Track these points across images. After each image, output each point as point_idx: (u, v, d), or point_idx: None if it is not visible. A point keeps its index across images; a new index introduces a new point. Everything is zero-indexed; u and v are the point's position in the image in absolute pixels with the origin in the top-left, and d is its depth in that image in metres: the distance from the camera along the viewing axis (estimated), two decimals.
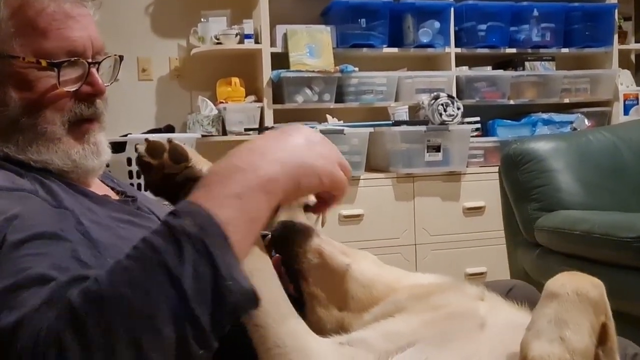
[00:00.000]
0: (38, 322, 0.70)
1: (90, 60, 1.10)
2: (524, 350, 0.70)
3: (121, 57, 1.22)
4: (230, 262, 0.74)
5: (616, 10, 4.09)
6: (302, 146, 0.87)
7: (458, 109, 3.46)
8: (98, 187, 1.19)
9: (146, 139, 0.83)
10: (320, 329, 0.93)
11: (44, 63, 1.04)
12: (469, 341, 0.80)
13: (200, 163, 0.87)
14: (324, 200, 0.99)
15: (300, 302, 0.95)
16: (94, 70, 1.10)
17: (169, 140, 0.83)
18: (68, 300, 0.70)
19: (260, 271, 0.84)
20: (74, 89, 1.08)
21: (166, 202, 0.99)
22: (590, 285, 0.74)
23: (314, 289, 0.96)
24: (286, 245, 0.97)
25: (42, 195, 0.97)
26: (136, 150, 0.89)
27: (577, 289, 0.73)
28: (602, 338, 0.73)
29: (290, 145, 0.86)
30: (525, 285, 1.32)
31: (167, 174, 0.84)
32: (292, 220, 0.99)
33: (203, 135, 3.48)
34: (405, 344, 0.81)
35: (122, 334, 0.68)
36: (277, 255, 0.97)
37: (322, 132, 3.34)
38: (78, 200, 1.03)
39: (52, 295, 0.73)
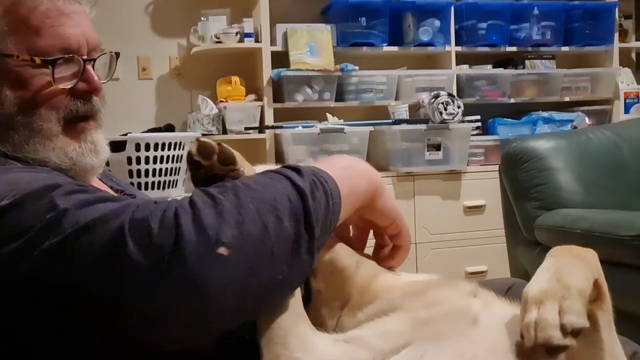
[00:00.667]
0: (171, 204, 0.78)
1: (85, 57, 1.09)
2: (524, 295, 0.75)
3: (117, 54, 1.22)
4: (337, 198, 0.87)
5: (617, 9, 4.08)
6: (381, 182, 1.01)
7: (458, 107, 3.46)
8: (98, 185, 1.19)
9: (197, 139, 0.88)
10: (319, 325, 0.93)
11: (38, 60, 1.03)
12: (462, 338, 0.81)
13: (245, 167, 0.91)
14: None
15: (305, 299, 0.96)
16: (89, 67, 1.10)
17: (219, 143, 0.88)
18: (202, 189, 0.81)
19: None
20: (69, 86, 1.07)
21: None
22: (584, 250, 0.83)
23: (322, 286, 0.97)
24: None
25: (53, 173, 0.98)
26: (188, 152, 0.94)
27: (572, 251, 0.82)
28: (597, 296, 0.78)
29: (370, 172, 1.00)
30: (524, 283, 1.31)
31: (214, 174, 0.88)
32: None
33: (203, 134, 3.48)
34: (400, 344, 0.82)
35: (250, 210, 0.77)
36: None
37: (323, 131, 3.37)
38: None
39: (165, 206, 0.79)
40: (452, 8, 3.80)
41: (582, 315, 0.72)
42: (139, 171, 2.96)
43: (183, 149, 3.14)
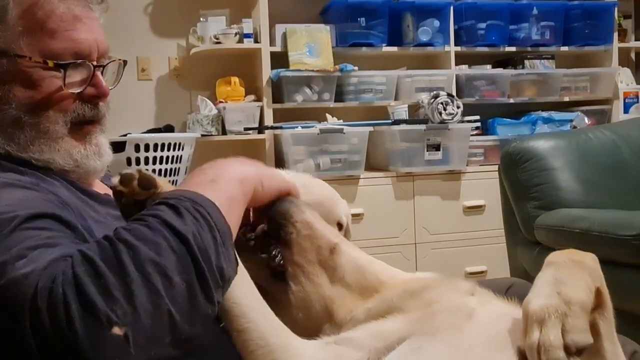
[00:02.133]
0: (53, 269, 0.73)
1: (95, 63, 1.10)
2: (525, 308, 0.73)
3: (125, 62, 1.23)
4: (223, 227, 0.82)
5: (616, 8, 4.08)
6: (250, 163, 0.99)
7: (458, 107, 3.46)
8: (99, 187, 1.20)
9: (119, 173, 0.87)
10: (307, 309, 0.94)
11: (50, 64, 1.05)
12: (458, 331, 0.81)
13: (168, 189, 0.89)
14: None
15: (284, 277, 0.98)
16: (98, 72, 1.11)
17: (139, 170, 0.87)
18: (81, 251, 0.74)
19: (237, 277, 0.85)
20: (78, 91, 1.08)
21: None
22: (584, 256, 0.80)
23: (298, 259, 0.97)
24: (278, 214, 1.00)
25: (43, 187, 0.97)
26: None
27: (573, 258, 0.79)
28: (598, 304, 0.76)
29: (246, 162, 0.98)
30: (524, 283, 1.32)
31: (138, 200, 0.87)
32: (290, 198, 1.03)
33: (203, 135, 3.48)
34: (394, 340, 0.82)
35: (137, 277, 0.72)
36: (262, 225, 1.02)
37: (322, 131, 3.37)
38: (79, 198, 1.05)
39: (64, 252, 0.77)
40: (452, 8, 3.80)
41: (586, 331, 0.71)
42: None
43: (182, 150, 3.14)
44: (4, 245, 0.78)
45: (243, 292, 0.85)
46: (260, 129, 3.56)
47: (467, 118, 3.66)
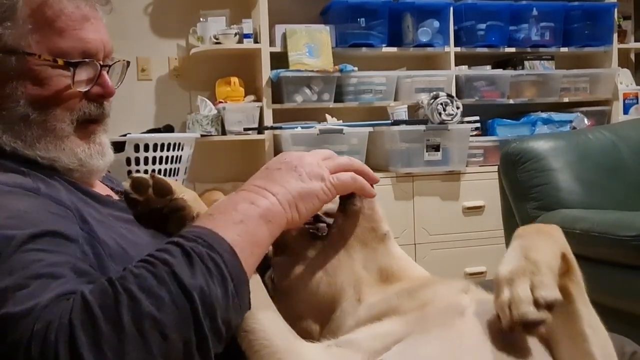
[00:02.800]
0: (51, 312, 0.72)
1: (102, 63, 1.12)
2: (495, 277, 0.76)
3: (128, 63, 1.25)
4: (239, 276, 0.80)
5: (616, 9, 4.09)
6: (289, 175, 0.95)
7: (457, 108, 3.46)
8: (100, 188, 1.20)
9: (130, 176, 0.85)
10: (334, 275, 0.96)
11: (60, 62, 1.05)
12: (450, 328, 0.83)
13: (183, 193, 0.89)
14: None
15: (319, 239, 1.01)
16: (104, 72, 1.12)
17: (152, 175, 0.85)
18: (82, 295, 0.74)
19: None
20: (85, 90, 1.09)
21: None
22: (549, 227, 0.85)
23: (349, 230, 1.00)
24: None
25: (44, 193, 0.97)
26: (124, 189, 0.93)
27: (537, 228, 0.83)
28: (567, 269, 0.80)
29: (279, 179, 0.94)
30: None
31: (154, 207, 0.86)
32: None
33: (202, 135, 3.48)
34: (392, 342, 0.83)
35: (132, 332, 0.71)
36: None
37: (322, 131, 3.37)
38: (81, 199, 1.04)
39: (66, 290, 0.76)
40: (451, 9, 3.80)
41: (554, 287, 0.73)
42: (138, 172, 2.96)
43: (182, 150, 3.14)
44: (4, 268, 0.78)
45: (253, 295, 0.85)
46: (260, 129, 3.56)
47: (466, 119, 3.66)
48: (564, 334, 0.80)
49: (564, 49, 4.06)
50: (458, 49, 3.86)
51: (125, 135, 2.99)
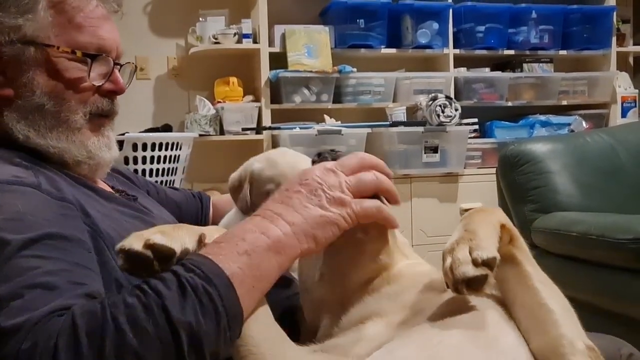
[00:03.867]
0: (40, 331, 0.73)
1: (115, 61, 1.16)
2: (442, 254, 0.83)
3: (136, 67, 1.32)
4: (233, 311, 0.78)
5: (614, 13, 4.09)
6: (309, 201, 0.89)
7: (456, 110, 3.46)
8: (103, 186, 1.22)
9: (120, 248, 0.80)
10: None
11: (79, 54, 1.09)
12: (430, 329, 0.84)
13: (188, 240, 0.84)
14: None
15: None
16: (116, 70, 1.16)
17: (150, 245, 0.80)
18: (72, 318, 0.73)
19: None
20: (99, 84, 1.13)
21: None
22: (489, 208, 0.92)
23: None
24: None
25: (45, 189, 0.97)
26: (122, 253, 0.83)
27: (478, 209, 0.90)
28: (510, 238, 0.86)
29: (298, 205, 0.88)
30: None
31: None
32: None
33: (201, 135, 3.48)
34: (375, 347, 0.84)
35: None
36: None
37: (320, 132, 3.36)
38: (85, 193, 1.06)
39: (59, 305, 0.76)
40: (451, 11, 3.81)
41: (490, 248, 0.79)
42: (135, 171, 2.95)
43: (180, 150, 3.14)
44: (1, 273, 0.79)
45: (257, 323, 0.85)
46: (258, 129, 3.56)
47: (465, 121, 3.66)
48: (517, 293, 0.85)
49: (563, 52, 4.07)
50: (457, 51, 3.86)
51: (123, 134, 2.98)
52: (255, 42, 3.61)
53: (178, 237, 0.82)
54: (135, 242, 0.79)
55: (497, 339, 0.82)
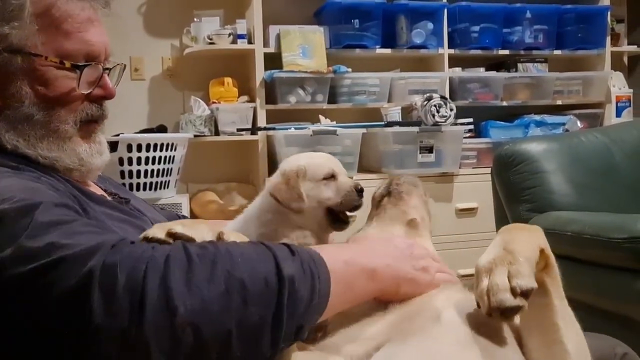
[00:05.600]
0: (129, 249, 0.76)
1: (104, 65, 1.14)
2: (475, 267, 0.81)
3: (125, 66, 1.27)
4: (323, 297, 0.84)
5: (609, 13, 4.10)
6: (405, 260, 1.01)
7: (451, 110, 3.46)
8: (94, 189, 1.21)
9: (145, 239, 0.84)
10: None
11: (67, 64, 1.07)
12: (427, 335, 0.85)
13: (207, 234, 0.89)
14: None
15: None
16: (105, 74, 1.15)
17: (172, 234, 0.84)
18: (182, 243, 0.78)
19: None
20: (88, 92, 1.11)
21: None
22: (530, 225, 0.89)
23: (387, 206, 1.26)
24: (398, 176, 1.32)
25: (44, 181, 0.99)
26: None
27: (519, 226, 0.88)
28: (545, 265, 0.84)
29: (400, 254, 1.01)
30: None
31: None
32: None
33: (195, 136, 3.47)
34: (373, 347, 0.85)
35: (221, 288, 0.75)
36: None
37: (315, 132, 3.36)
38: (76, 196, 1.05)
39: (127, 238, 0.80)
40: (445, 11, 3.81)
41: (530, 276, 0.77)
42: (130, 172, 2.95)
43: (175, 150, 3.14)
44: (43, 226, 0.80)
45: None
46: (253, 130, 3.56)
47: (460, 120, 3.66)
48: (537, 324, 0.83)
49: (558, 52, 4.07)
50: (452, 51, 3.86)
51: (118, 135, 2.98)
52: (250, 42, 3.61)
53: (199, 229, 0.86)
54: (158, 231, 0.83)
55: (496, 355, 0.81)
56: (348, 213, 1.30)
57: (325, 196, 1.29)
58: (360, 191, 1.31)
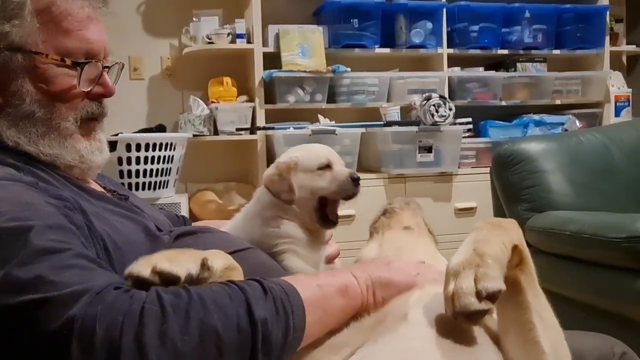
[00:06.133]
0: (111, 299, 0.76)
1: (103, 64, 1.15)
2: (445, 269, 0.79)
3: (123, 65, 1.28)
4: (298, 332, 0.85)
5: (608, 12, 4.10)
6: (377, 266, 1.03)
7: (450, 109, 3.46)
8: (94, 186, 1.22)
9: (128, 273, 0.83)
10: None
11: (68, 62, 1.08)
12: (395, 335, 0.85)
13: (192, 265, 0.88)
14: None
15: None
16: (105, 72, 1.16)
17: (157, 272, 0.83)
18: (157, 292, 0.78)
19: None
20: (88, 89, 1.12)
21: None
22: (502, 220, 0.86)
23: (385, 221, 1.33)
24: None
25: (42, 186, 0.98)
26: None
27: (490, 221, 0.85)
28: (519, 261, 0.82)
29: (367, 267, 1.03)
30: None
31: None
32: None
33: (194, 135, 3.47)
34: (348, 354, 0.86)
35: (195, 339, 0.75)
36: None
37: (314, 132, 3.36)
38: (75, 192, 1.06)
39: (114, 282, 0.80)
40: (444, 10, 3.81)
41: (497, 279, 0.76)
42: (129, 171, 2.95)
43: (174, 150, 3.14)
44: (31, 256, 0.80)
45: None
46: (252, 129, 3.56)
47: (459, 120, 3.67)
48: (513, 323, 0.82)
49: (556, 52, 4.08)
50: (451, 51, 3.86)
51: (117, 134, 2.98)
52: (249, 42, 3.61)
53: (183, 263, 0.85)
54: (143, 268, 0.82)
55: (463, 350, 0.81)
56: (341, 204, 1.33)
57: (318, 185, 1.31)
58: (355, 180, 1.31)
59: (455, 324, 0.79)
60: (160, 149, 3.03)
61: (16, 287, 0.76)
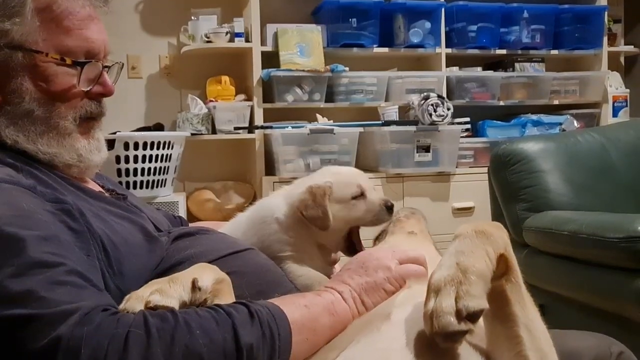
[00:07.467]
0: (104, 320, 0.76)
1: (103, 63, 1.15)
2: (428, 282, 0.76)
3: (122, 65, 1.28)
4: (284, 355, 0.86)
5: (606, 13, 4.11)
6: (355, 272, 1.04)
7: (448, 109, 3.46)
8: (92, 186, 1.21)
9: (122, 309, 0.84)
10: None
11: (69, 61, 1.08)
12: (377, 335, 0.85)
13: (184, 291, 0.88)
14: None
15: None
16: (104, 72, 1.15)
17: (150, 308, 0.84)
18: (144, 315, 0.78)
19: None
20: (87, 89, 1.12)
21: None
22: (487, 225, 0.81)
23: (392, 229, 1.36)
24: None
25: (40, 190, 0.97)
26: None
27: (476, 228, 0.80)
28: (506, 270, 0.79)
29: (346, 278, 1.03)
30: None
31: None
32: None
33: (192, 134, 3.47)
34: (335, 356, 0.86)
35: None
36: None
37: (312, 131, 3.36)
38: (74, 193, 1.06)
39: (103, 303, 0.80)
40: (443, 10, 3.81)
41: (479, 297, 0.72)
42: (127, 170, 2.95)
43: (172, 149, 3.13)
44: (22, 269, 0.80)
45: None
46: (251, 128, 3.55)
47: (457, 120, 3.67)
48: (500, 336, 0.80)
49: (555, 52, 4.08)
50: (449, 50, 3.86)
51: (115, 133, 2.98)
52: (247, 41, 3.61)
53: (174, 292, 0.86)
54: (136, 304, 0.82)
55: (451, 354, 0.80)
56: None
57: (353, 217, 1.28)
58: (389, 207, 1.30)
59: None
60: (158, 148, 3.03)
61: (7, 299, 0.76)
